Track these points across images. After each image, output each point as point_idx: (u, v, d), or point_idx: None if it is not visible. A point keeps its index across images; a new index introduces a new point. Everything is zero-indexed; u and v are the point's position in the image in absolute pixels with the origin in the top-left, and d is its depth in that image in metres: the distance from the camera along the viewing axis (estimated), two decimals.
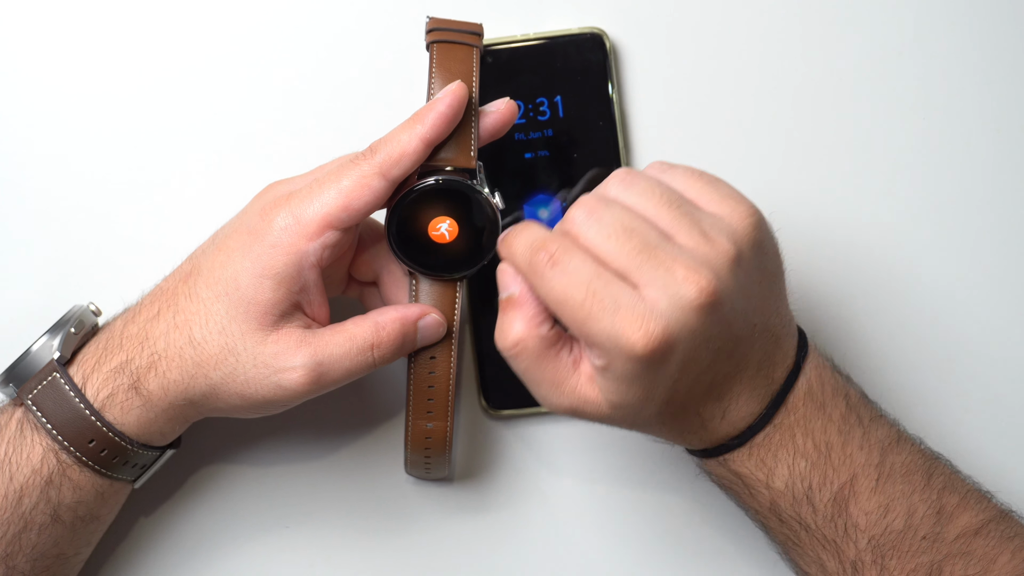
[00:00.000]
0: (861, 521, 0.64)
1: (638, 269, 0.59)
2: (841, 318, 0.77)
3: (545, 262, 0.60)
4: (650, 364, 0.59)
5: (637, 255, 0.59)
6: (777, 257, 0.65)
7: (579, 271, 0.60)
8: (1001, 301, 0.77)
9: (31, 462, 0.64)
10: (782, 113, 0.77)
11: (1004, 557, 0.64)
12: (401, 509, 0.75)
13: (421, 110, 0.65)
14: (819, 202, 0.77)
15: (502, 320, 0.63)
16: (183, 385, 0.65)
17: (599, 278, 0.59)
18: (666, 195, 0.61)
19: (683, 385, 0.62)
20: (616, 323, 0.58)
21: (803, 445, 0.64)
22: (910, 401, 0.76)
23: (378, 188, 0.64)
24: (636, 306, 0.59)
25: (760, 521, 0.67)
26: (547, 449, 0.76)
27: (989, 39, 0.77)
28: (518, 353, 0.63)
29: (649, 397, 0.61)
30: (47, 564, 0.66)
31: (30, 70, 0.76)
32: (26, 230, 0.75)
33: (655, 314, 0.59)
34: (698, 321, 0.59)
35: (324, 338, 0.65)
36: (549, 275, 0.60)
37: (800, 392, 0.64)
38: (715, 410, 0.64)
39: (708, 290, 0.59)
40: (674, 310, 0.59)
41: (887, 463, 0.65)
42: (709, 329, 0.60)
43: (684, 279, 0.59)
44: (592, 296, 0.59)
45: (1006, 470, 0.75)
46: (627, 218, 0.60)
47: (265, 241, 0.64)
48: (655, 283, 0.59)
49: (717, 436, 0.65)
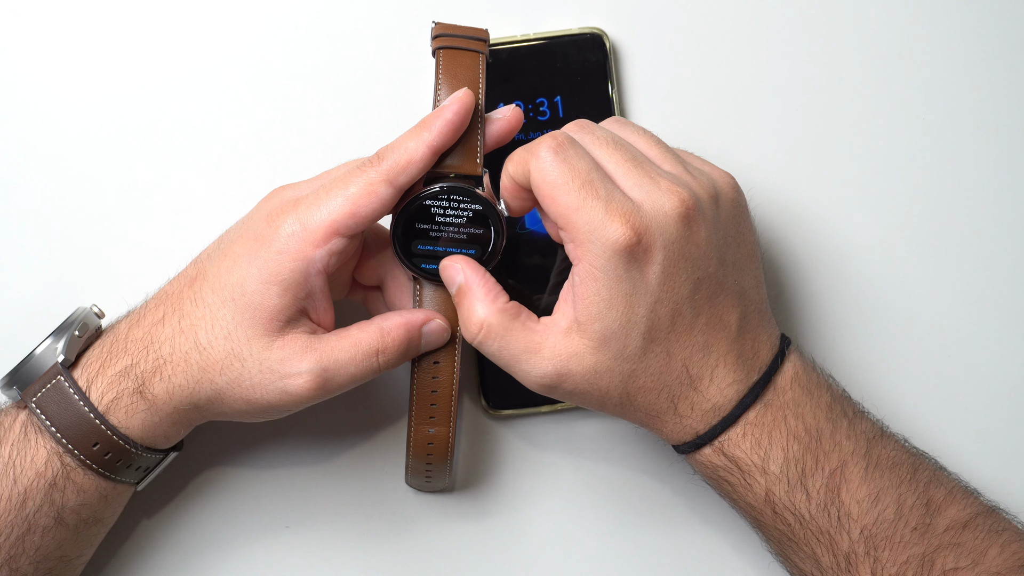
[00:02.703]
0: (853, 509, 0.65)
1: (625, 175, 0.63)
2: (838, 317, 0.77)
3: (550, 146, 0.63)
4: (631, 260, 0.62)
5: (624, 163, 0.64)
6: (753, 235, 0.68)
7: (580, 160, 0.63)
8: (1001, 301, 0.77)
9: (35, 465, 0.64)
10: (782, 113, 0.77)
11: (994, 550, 0.65)
12: (401, 512, 0.75)
13: (428, 117, 0.65)
14: (818, 202, 0.77)
15: (461, 310, 0.66)
16: (188, 390, 0.65)
17: (596, 171, 0.63)
18: (654, 138, 0.67)
19: (663, 314, 0.63)
20: (605, 213, 0.62)
21: (795, 427, 0.65)
22: (899, 404, 0.76)
23: (385, 195, 0.64)
24: (624, 204, 0.62)
25: (754, 517, 0.68)
26: (547, 449, 0.76)
27: (989, 39, 0.77)
28: (486, 334, 0.65)
29: (631, 318, 0.63)
30: (50, 566, 0.66)
31: (31, 71, 0.75)
32: (28, 231, 0.75)
33: (640, 213, 0.62)
34: (676, 230, 0.63)
35: (329, 343, 0.65)
36: (551, 158, 0.63)
37: (787, 375, 0.66)
38: (703, 367, 0.65)
39: (688, 203, 0.63)
40: (656, 214, 0.62)
41: (874, 454, 0.66)
42: (686, 245, 0.63)
43: (667, 189, 0.63)
44: (588, 185, 0.62)
45: (996, 475, 0.76)
46: (616, 137, 0.65)
47: (272, 247, 0.64)
48: (639, 188, 0.63)
49: (707, 405, 0.65)
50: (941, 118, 0.77)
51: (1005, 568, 0.65)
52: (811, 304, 0.77)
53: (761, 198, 0.76)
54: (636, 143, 0.66)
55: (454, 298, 0.66)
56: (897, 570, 0.64)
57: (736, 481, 0.67)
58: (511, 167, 0.65)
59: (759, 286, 0.67)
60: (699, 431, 0.66)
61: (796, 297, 0.77)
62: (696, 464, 0.68)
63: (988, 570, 0.65)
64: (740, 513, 0.69)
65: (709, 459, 0.67)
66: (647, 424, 0.67)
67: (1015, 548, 0.66)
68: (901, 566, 0.65)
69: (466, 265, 0.66)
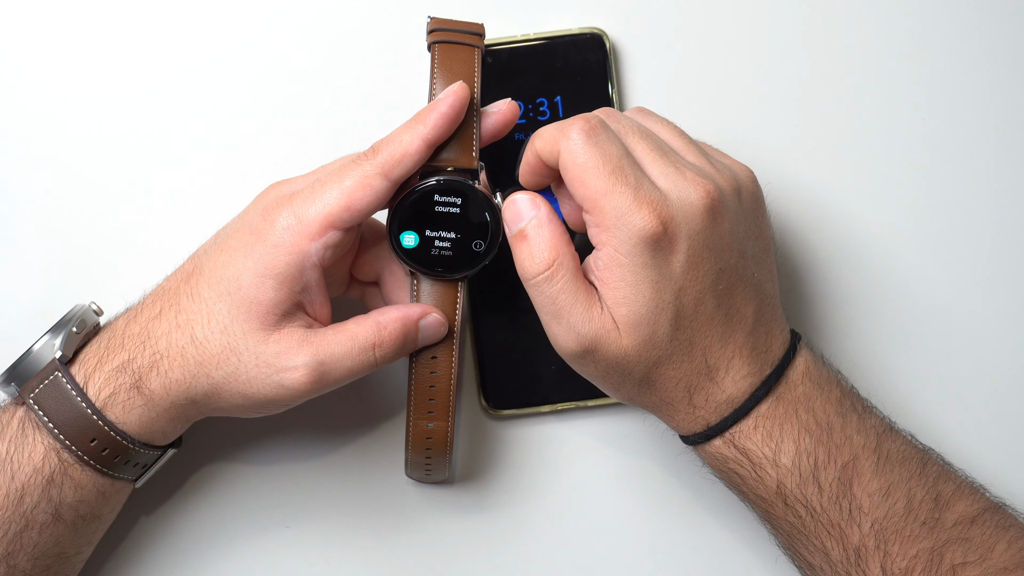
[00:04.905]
0: (865, 503, 0.65)
1: (652, 164, 0.64)
2: (841, 316, 0.77)
3: (582, 128, 0.63)
4: (656, 248, 0.62)
5: (652, 151, 0.64)
6: (769, 230, 0.68)
7: (612, 145, 0.63)
8: (1001, 301, 0.77)
9: (33, 461, 0.64)
10: (782, 114, 0.77)
11: (1001, 545, 0.65)
12: (401, 509, 0.75)
13: (423, 110, 0.65)
14: (819, 202, 0.77)
15: (525, 247, 0.64)
16: (185, 384, 0.65)
17: (627, 157, 0.63)
18: (677, 130, 0.68)
19: (688, 301, 0.63)
20: (634, 201, 0.62)
21: (807, 421, 0.65)
22: (905, 401, 0.76)
23: (380, 188, 0.64)
24: (652, 191, 0.62)
25: (764, 510, 0.67)
26: (547, 449, 0.76)
27: (989, 39, 0.77)
28: (554, 272, 0.64)
29: (658, 304, 0.63)
30: (48, 563, 0.66)
31: (30, 70, 0.75)
32: (27, 231, 0.75)
33: (666, 202, 0.62)
34: (701, 221, 0.63)
35: (326, 337, 0.65)
36: (583, 141, 0.63)
37: (799, 369, 0.66)
38: (720, 357, 0.65)
39: (713, 195, 0.63)
40: (682, 203, 0.63)
41: (884, 448, 0.66)
42: (710, 236, 0.63)
43: (693, 180, 0.63)
44: (619, 170, 0.63)
45: (1002, 471, 0.76)
46: (642, 127, 0.66)
47: (267, 241, 0.64)
48: (666, 177, 0.63)
49: (722, 396, 0.65)
50: (946, 115, 0.77)
51: (1012, 563, 0.65)
52: (816, 300, 0.77)
53: None
54: (661, 133, 0.67)
55: (513, 237, 0.65)
56: (907, 564, 0.64)
57: (747, 474, 0.66)
58: (539, 143, 0.65)
59: (773, 280, 0.68)
60: (711, 422, 0.66)
61: (801, 293, 0.77)
62: (705, 456, 0.68)
63: (996, 565, 0.64)
64: (749, 506, 0.69)
65: (719, 451, 0.66)
66: (657, 412, 0.67)
67: (1022, 544, 0.66)
68: (911, 560, 0.64)
69: (542, 200, 0.66)
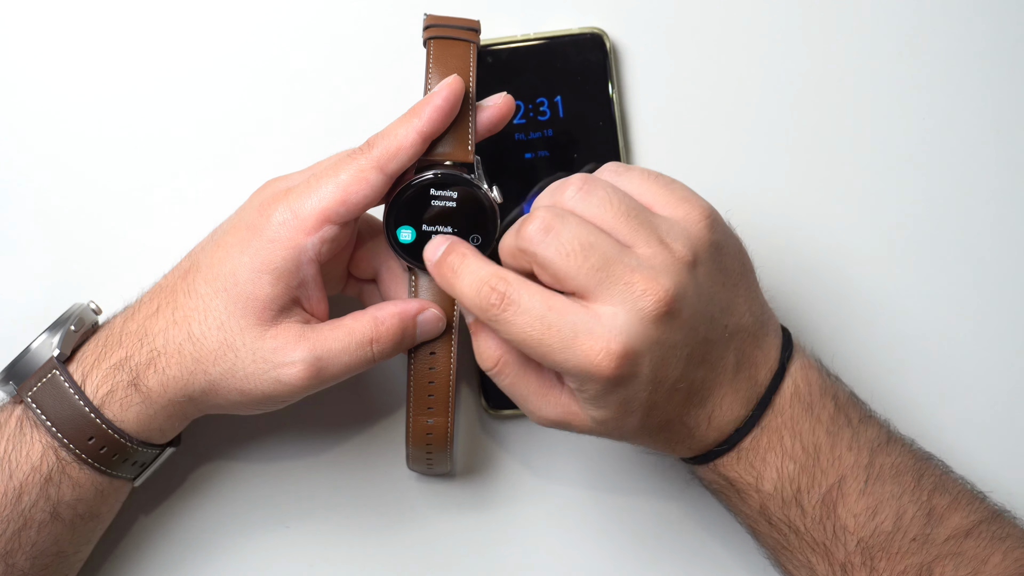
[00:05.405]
0: (850, 523, 0.64)
1: (598, 286, 0.60)
2: (837, 319, 0.76)
3: (497, 304, 0.61)
4: (619, 381, 0.60)
5: (596, 272, 0.60)
6: (740, 255, 0.65)
7: (531, 307, 0.60)
8: (1001, 301, 0.77)
9: (30, 459, 0.64)
10: (782, 114, 0.77)
11: (996, 558, 0.64)
12: (401, 507, 0.75)
13: (418, 104, 0.65)
14: (818, 202, 0.77)
15: (477, 342, 0.65)
16: (182, 381, 0.64)
17: (552, 310, 0.60)
18: (624, 204, 0.62)
19: (660, 395, 0.62)
20: (577, 351, 0.59)
21: (791, 447, 0.65)
22: (902, 404, 0.76)
23: (376, 182, 0.64)
24: (594, 328, 0.59)
25: (750, 525, 0.68)
26: (547, 450, 0.75)
27: (989, 39, 0.77)
28: (500, 370, 0.64)
29: (628, 410, 0.62)
30: (47, 562, 0.66)
31: (31, 70, 0.76)
32: (26, 230, 0.75)
33: (614, 331, 0.59)
34: (659, 331, 0.60)
35: (323, 333, 0.65)
36: (503, 318, 0.61)
37: (786, 393, 0.65)
38: (699, 416, 0.64)
39: (666, 299, 0.60)
40: (633, 323, 0.59)
41: (876, 464, 0.65)
42: (672, 336, 0.61)
43: (644, 291, 0.59)
44: (548, 330, 0.60)
45: (1001, 472, 0.75)
46: (585, 233, 0.60)
47: (263, 236, 0.64)
48: (614, 298, 0.60)
49: (706, 442, 0.65)
50: (940, 120, 0.77)
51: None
52: (812, 306, 0.76)
53: (760, 198, 0.76)
54: (604, 221, 0.61)
55: (469, 325, 0.65)
56: None
57: (731, 495, 0.67)
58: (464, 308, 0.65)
59: (752, 302, 0.65)
60: (695, 454, 0.66)
61: (796, 300, 0.76)
62: (693, 472, 0.69)
63: None
64: (737, 519, 0.69)
65: (703, 475, 0.67)
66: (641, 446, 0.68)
67: (1018, 555, 0.65)
68: (898, 575, 0.64)
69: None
